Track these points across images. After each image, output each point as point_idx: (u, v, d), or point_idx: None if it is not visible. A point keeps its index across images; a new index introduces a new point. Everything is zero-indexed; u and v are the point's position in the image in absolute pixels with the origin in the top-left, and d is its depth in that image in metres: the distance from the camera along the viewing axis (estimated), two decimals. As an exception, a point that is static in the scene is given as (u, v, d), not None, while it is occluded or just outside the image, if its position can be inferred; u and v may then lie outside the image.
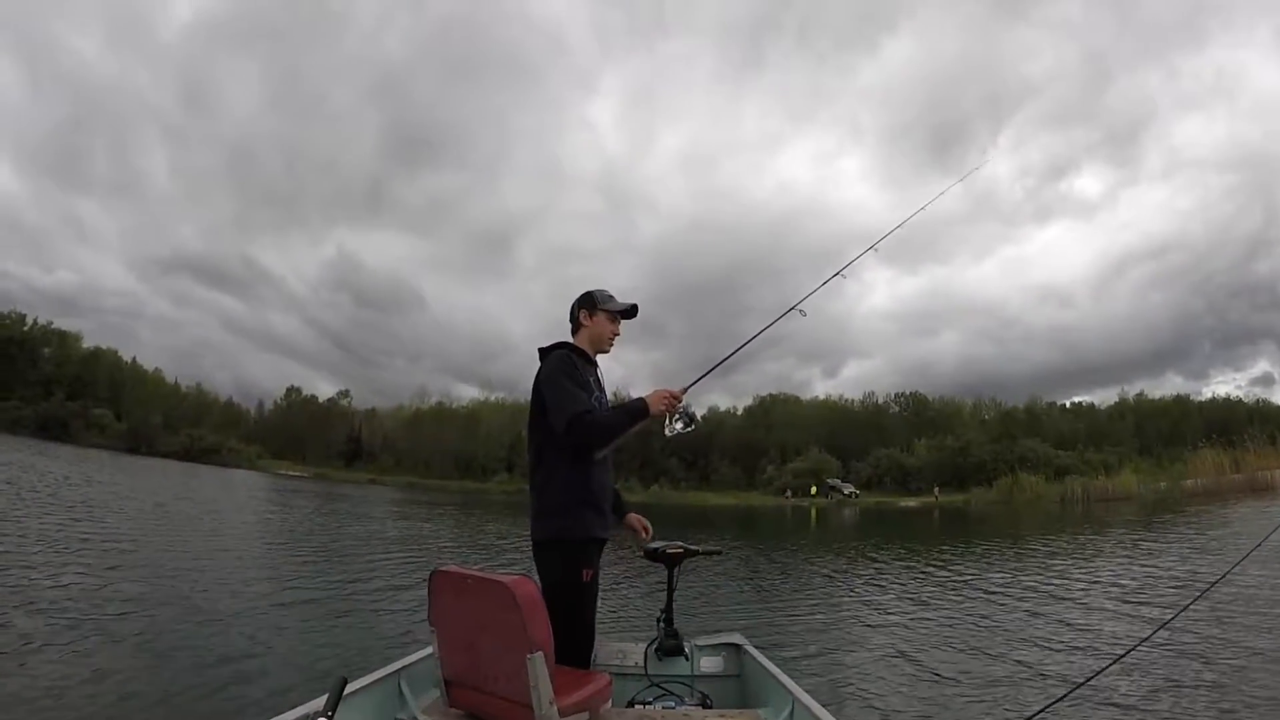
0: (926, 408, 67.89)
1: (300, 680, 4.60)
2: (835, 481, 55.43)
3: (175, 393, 75.73)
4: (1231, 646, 5.75)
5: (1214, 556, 11.36)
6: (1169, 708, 4.19)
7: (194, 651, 5.06)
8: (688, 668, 3.29)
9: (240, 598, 7.13)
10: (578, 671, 2.42)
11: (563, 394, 2.64)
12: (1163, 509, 25.62)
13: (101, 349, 73.96)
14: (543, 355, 2.86)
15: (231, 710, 3.94)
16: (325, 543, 12.77)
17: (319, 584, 8.33)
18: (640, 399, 2.68)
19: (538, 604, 2.12)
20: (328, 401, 79.04)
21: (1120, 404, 69.50)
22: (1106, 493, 39.16)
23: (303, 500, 25.69)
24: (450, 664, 2.31)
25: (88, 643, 4.99)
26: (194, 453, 61.17)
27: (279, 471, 58.64)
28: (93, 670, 4.41)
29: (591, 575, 2.62)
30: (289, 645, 5.50)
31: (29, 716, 3.61)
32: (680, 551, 3.34)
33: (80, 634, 5.19)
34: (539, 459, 2.74)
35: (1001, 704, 4.55)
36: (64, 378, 67.07)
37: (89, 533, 10.36)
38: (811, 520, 31.87)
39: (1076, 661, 5.49)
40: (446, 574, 2.27)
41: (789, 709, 2.39)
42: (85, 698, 3.92)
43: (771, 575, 11.36)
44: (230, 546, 10.92)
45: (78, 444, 57.06)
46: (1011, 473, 46.80)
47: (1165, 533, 16.65)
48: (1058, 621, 7.05)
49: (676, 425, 2.76)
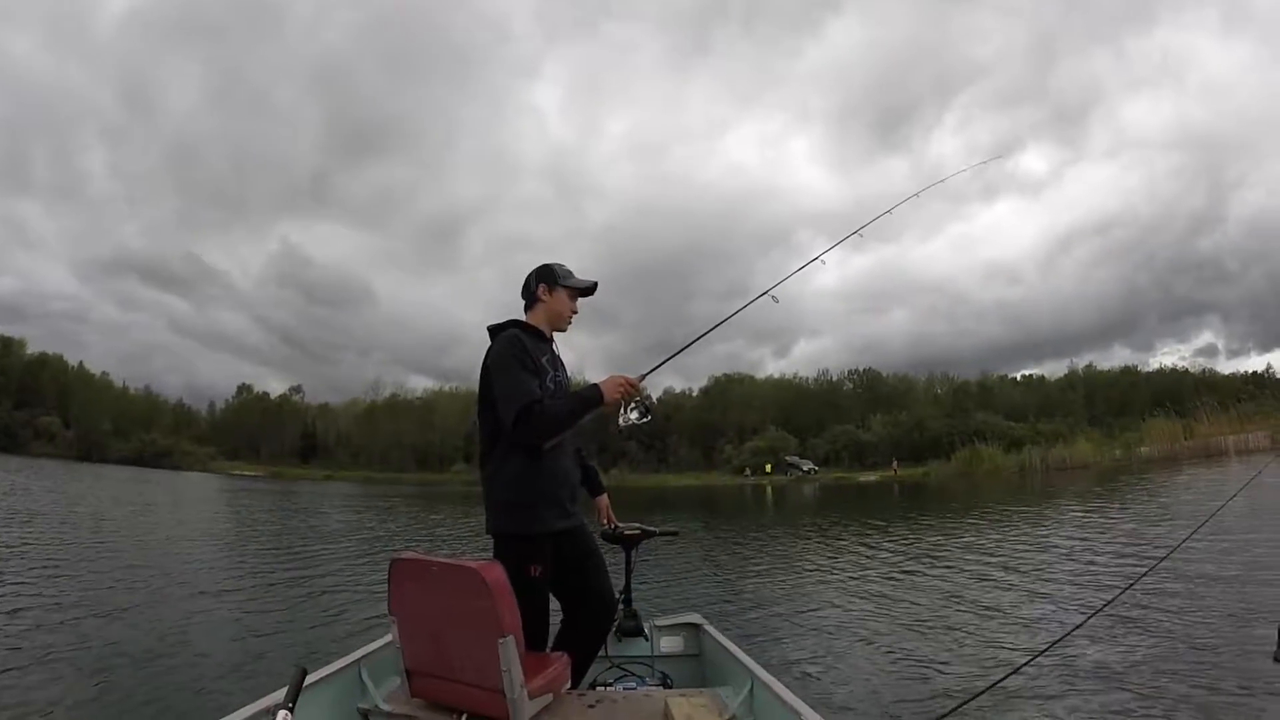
0: (880, 384, 68.70)
1: (258, 674, 4.52)
2: (794, 459, 55.57)
3: (124, 397, 73.66)
4: (1192, 606, 5.81)
5: (1176, 521, 11.40)
6: (1128, 672, 4.20)
7: (149, 651, 4.93)
8: (647, 648, 3.29)
9: (194, 597, 6.99)
10: (541, 654, 2.42)
11: (511, 382, 2.49)
12: (1121, 476, 25.98)
13: (47, 355, 71.86)
14: (492, 334, 2.70)
15: (190, 707, 3.86)
16: (280, 540, 12.54)
17: (274, 580, 8.19)
18: (594, 385, 2.53)
19: (506, 589, 2.09)
20: (279, 399, 77.66)
21: (1070, 376, 71.02)
22: (1064, 462, 39.62)
23: (257, 499, 25.21)
24: (412, 652, 2.27)
25: (39, 648, 4.83)
26: (146, 457, 59.64)
27: (233, 472, 57.46)
28: (45, 673, 4.28)
29: (541, 571, 2.51)
30: (246, 640, 5.39)
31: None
32: (638, 533, 3.34)
33: (31, 640, 5.02)
34: (489, 448, 2.62)
35: (961, 674, 4.53)
36: (9, 386, 65.02)
37: (36, 541, 10.12)
38: (768, 498, 31.81)
39: (1038, 631, 5.43)
40: (406, 561, 2.22)
41: (748, 687, 2.38)
42: (38, 701, 3.80)
43: (730, 554, 11.27)
44: (183, 548, 10.68)
45: (27, 454, 55.42)
46: (968, 445, 47.29)
47: (1126, 499, 16.73)
48: (1021, 591, 7.00)
49: (631, 415, 2.61)
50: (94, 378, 73.52)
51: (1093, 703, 3.82)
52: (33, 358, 69.90)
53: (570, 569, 2.69)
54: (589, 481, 3.12)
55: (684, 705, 2.23)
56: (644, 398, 2.60)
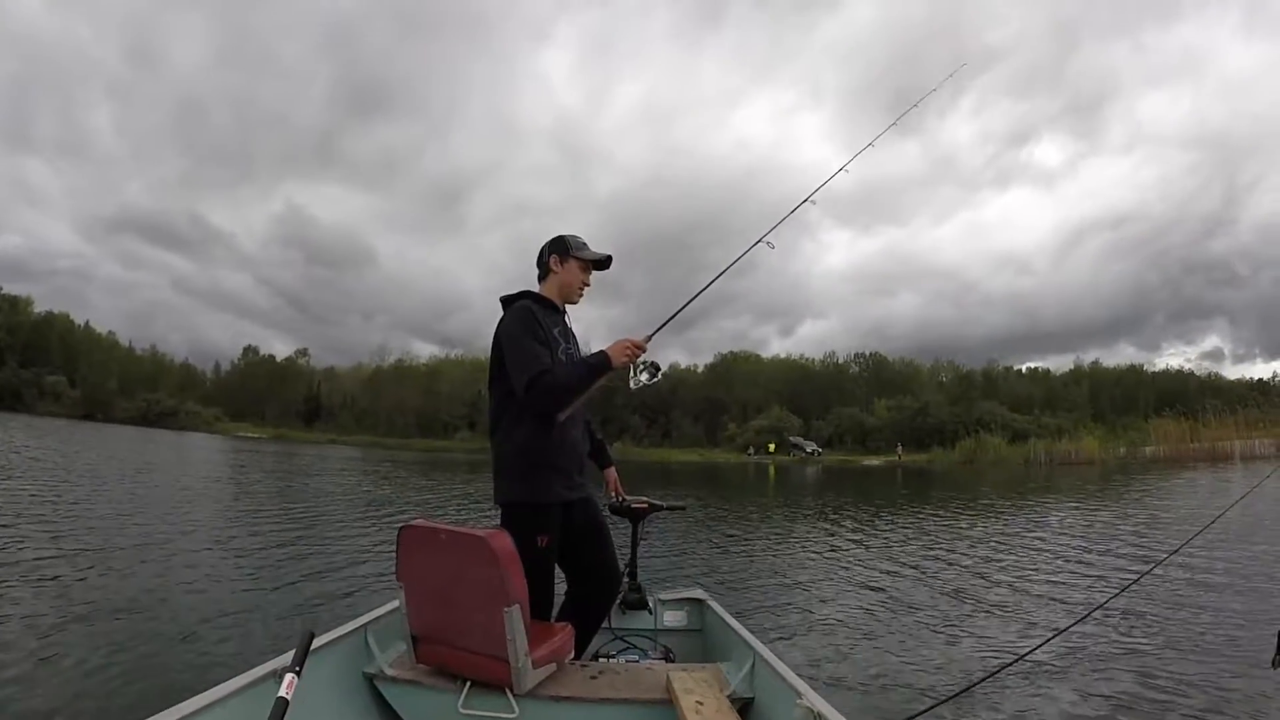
0: (886, 368, 68.76)
1: (266, 637, 4.50)
2: (798, 439, 55.90)
3: (130, 356, 74.18)
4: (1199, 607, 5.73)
5: (1182, 522, 11.24)
6: (1125, 669, 4.14)
7: (156, 613, 4.87)
8: (651, 622, 3.31)
9: (201, 559, 6.91)
10: (546, 624, 2.44)
11: (522, 352, 2.50)
12: (1127, 474, 25.80)
13: (54, 314, 72.17)
14: (505, 305, 2.71)
15: (198, 668, 3.80)
16: (287, 504, 12.44)
17: (282, 543, 8.11)
18: (601, 351, 2.52)
19: (514, 558, 2.11)
20: (285, 361, 78.14)
21: (1075, 371, 71.06)
22: (1069, 456, 39.66)
23: (263, 461, 25.19)
24: (419, 619, 2.30)
25: (45, 611, 4.74)
26: (151, 417, 60.16)
27: (238, 434, 57.98)
28: (51, 636, 4.20)
29: (548, 541, 2.53)
30: (253, 604, 5.32)
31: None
32: (645, 506, 3.34)
33: (37, 603, 4.93)
34: (499, 417, 2.63)
35: (962, 661, 4.45)
36: (15, 345, 65.41)
37: (41, 500, 9.99)
38: (772, 477, 31.85)
39: (1038, 623, 5.34)
40: (416, 529, 2.24)
41: (750, 663, 2.38)
42: (43, 666, 3.72)
43: (734, 531, 11.18)
44: (189, 510, 10.57)
45: (31, 413, 55.78)
46: (971, 434, 47.54)
47: (1132, 498, 16.60)
48: (1024, 583, 6.88)
49: (641, 377, 2.61)
50: (101, 337, 74.05)
51: (1092, 697, 3.77)
52: (39, 317, 70.23)
53: (577, 540, 2.69)
54: (598, 454, 3.11)
55: (686, 679, 2.23)
56: (649, 359, 2.59)
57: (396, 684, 2.31)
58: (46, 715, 3.10)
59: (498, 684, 2.14)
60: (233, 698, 1.81)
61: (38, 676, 3.55)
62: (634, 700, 2.20)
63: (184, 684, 3.36)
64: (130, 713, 3.10)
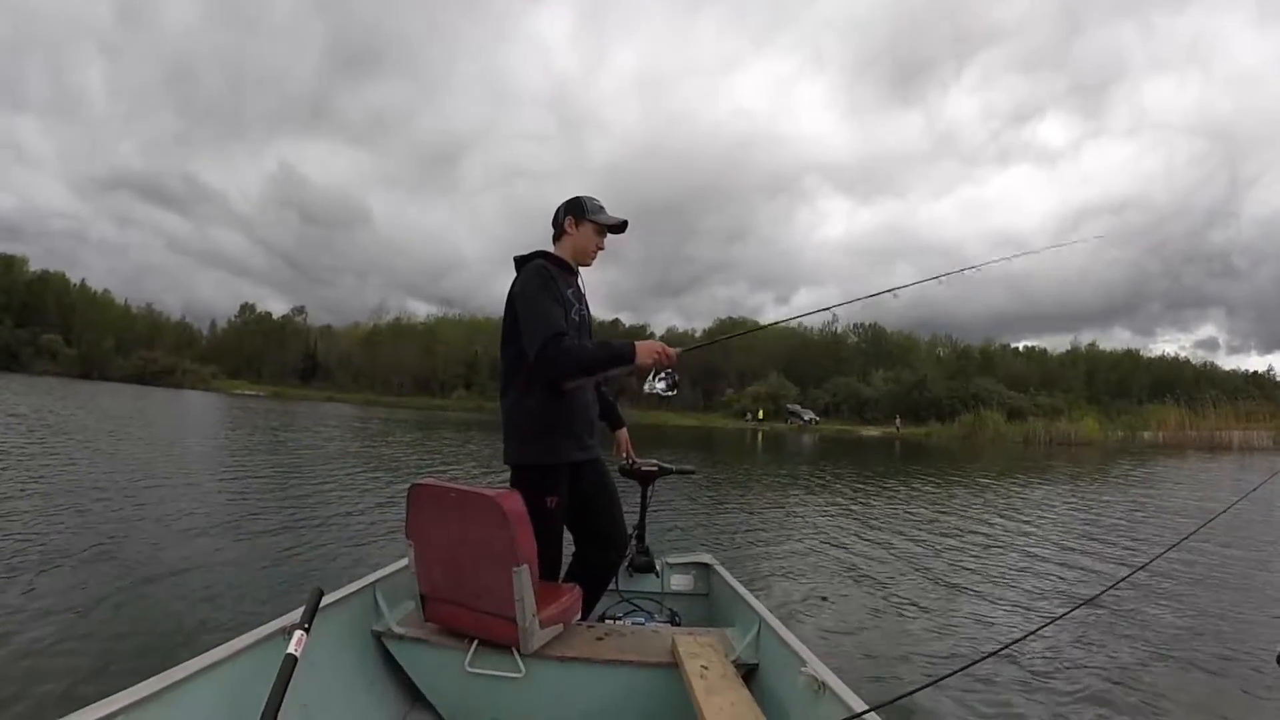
0: (884, 340, 68.83)
1: (275, 594, 4.48)
2: (795, 407, 55.91)
3: (126, 315, 74.06)
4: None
5: (1185, 512, 11.02)
6: (1125, 661, 4.06)
7: (163, 572, 4.82)
8: (658, 585, 3.31)
9: (207, 517, 6.84)
10: (553, 585, 2.43)
11: (537, 312, 2.42)
12: (1126, 458, 25.69)
13: (49, 273, 71.85)
14: (519, 265, 2.65)
15: (208, 626, 3.78)
16: (290, 461, 12.41)
17: (288, 501, 8.05)
18: (629, 342, 2.45)
19: (524, 518, 2.11)
20: (282, 319, 78.16)
21: (1073, 352, 71.32)
22: (1068, 437, 39.33)
23: (261, 419, 25.09)
24: (427, 577, 2.29)
25: (46, 570, 4.66)
26: (148, 375, 60.31)
27: (235, 391, 57.90)
28: (55, 596, 4.12)
29: (557, 503, 2.51)
30: (260, 561, 5.31)
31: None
32: (655, 470, 3.31)
33: (38, 562, 4.84)
34: (510, 378, 2.57)
35: (964, 637, 4.42)
36: (11, 305, 65.24)
37: (39, 458, 9.86)
38: (769, 444, 31.87)
39: (1040, 604, 5.29)
40: (426, 487, 2.22)
41: (755, 629, 2.36)
42: (49, 624, 3.66)
43: (736, 496, 11.11)
44: (191, 467, 10.48)
45: (28, 372, 55.90)
46: (968, 410, 47.57)
47: (1134, 482, 16.46)
48: (1028, 562, 6.82)
49: (658, 385, 2.59)
50: (96, 295, 73.78)
51: (1104, 669, 3.80)
52: (34, 276, 69.93)
53: (585, 502, 2.68)
54: (609, 414, 3.07)
55: (691, 643, 2.24)
56: (673, 371, 2.57)
57: (404, 642, 2.32)
58: (55, 674, 3.09)
59: (505, 643, 2.15)
60: (243, 654, 1.80)
61: (43, 635, 3.52)
62: (640, 663, 2.21)
63: (194, 641, 3.40)
64: (141, 670, 3.09)
